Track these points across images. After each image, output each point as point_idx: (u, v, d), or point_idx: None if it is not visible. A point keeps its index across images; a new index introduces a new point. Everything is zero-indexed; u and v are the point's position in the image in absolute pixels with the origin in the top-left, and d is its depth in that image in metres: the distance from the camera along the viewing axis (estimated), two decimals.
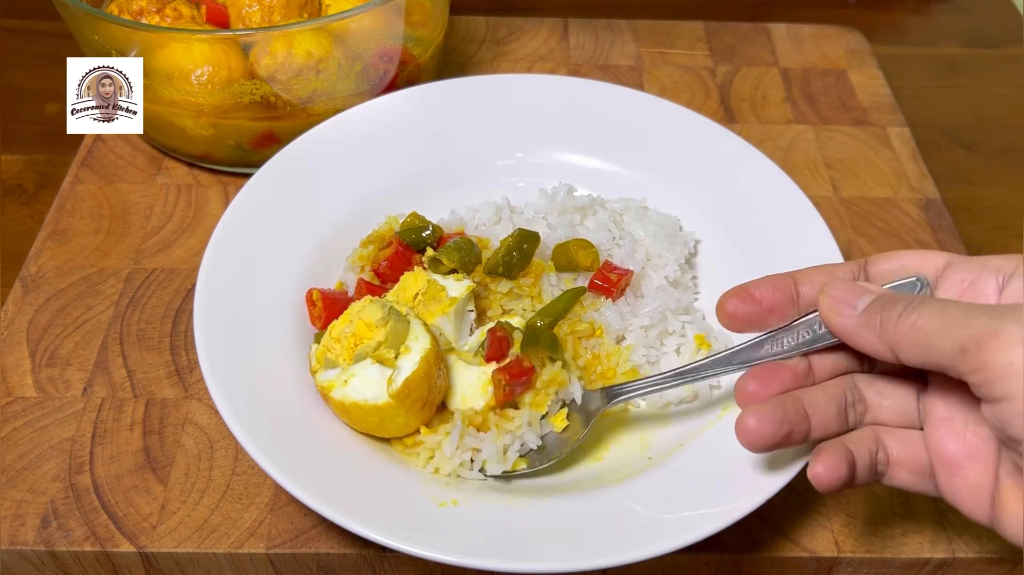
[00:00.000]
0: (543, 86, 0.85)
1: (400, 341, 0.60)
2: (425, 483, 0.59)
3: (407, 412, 0.60)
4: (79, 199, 0.83)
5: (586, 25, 1.06)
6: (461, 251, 0.68)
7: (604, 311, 0.68)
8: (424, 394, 0.60)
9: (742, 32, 1.06)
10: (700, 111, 0.83)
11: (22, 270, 0.77)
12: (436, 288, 0.65)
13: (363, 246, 0.72)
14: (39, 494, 0.62)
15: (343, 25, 0.79)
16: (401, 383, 0.59)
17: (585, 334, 0.67)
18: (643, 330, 0.68)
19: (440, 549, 0.53)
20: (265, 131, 0.82)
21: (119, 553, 0.60)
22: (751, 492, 0.55)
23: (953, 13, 1.19)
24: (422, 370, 0.59)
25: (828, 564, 0.62)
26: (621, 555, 0.53)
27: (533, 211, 0.76)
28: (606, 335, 0.67)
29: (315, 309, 0.68)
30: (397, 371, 0.59)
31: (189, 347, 0.71)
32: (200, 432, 0.66)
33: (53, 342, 0.71)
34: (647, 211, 0.76)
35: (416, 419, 0.61)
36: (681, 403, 0.66)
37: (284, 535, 0.61)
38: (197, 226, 0.81)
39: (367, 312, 0.61)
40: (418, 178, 0.79)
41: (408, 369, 0.59)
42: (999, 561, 0.62)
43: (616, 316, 0.68)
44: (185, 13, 0.83)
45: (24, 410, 0.67)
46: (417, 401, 0.60)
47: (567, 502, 0.59)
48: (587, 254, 0.70)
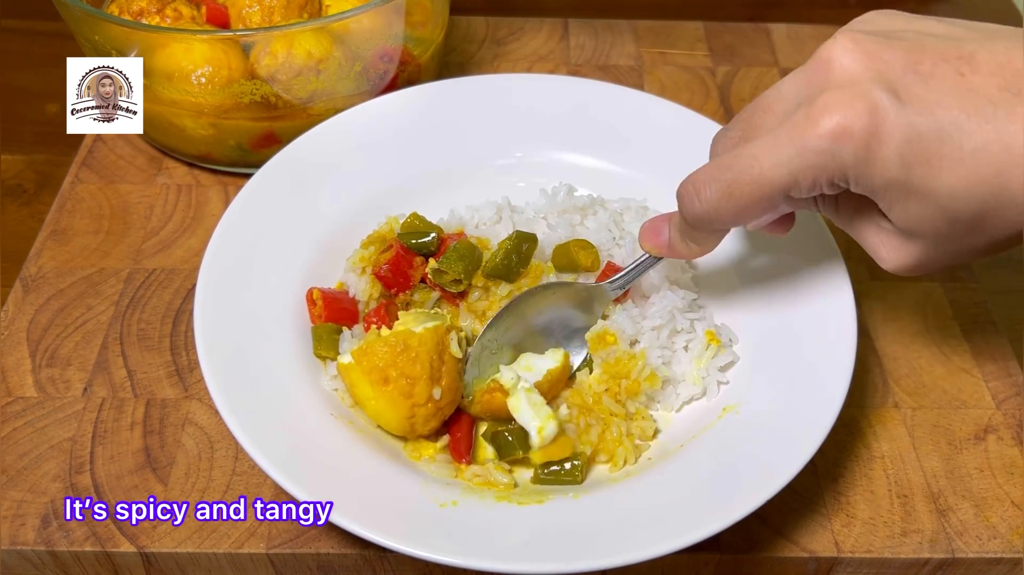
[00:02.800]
0: (543, 86, 0.85)
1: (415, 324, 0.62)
2: (425, 483, 0.59)
3: (369, 382, 0.60)
4: (79, 199, 0.83)
5: (586, 25, 1.06)
6: (464, 259, 0.68)
7: (615, 317, 0.68)
8: (385, 367, 0.60)
9: (742, 32, 1.06)
10: (700, 111, 0.83)
11: (22, 270, 0.77)
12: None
13: (364, 247, 0.72)
14: (39, 494, 0.62)
15: (343, 25, 0.79)
16: (362, 344, 0.61)
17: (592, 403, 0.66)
18: (655, 331, 0.68)
19: (440, 549, 0.53)
20: (265, 131, 0.82)
21: (119, 553, 0.60)
22: (751, 492, 0.55)
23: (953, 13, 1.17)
24: (387, 341, 0.60)
25: (828, 564, 0.62)
26: (621, 555, 0.53)
27: (533, 211, 0.77)
28: (620, 341, 0.67)
29: (315, 308, 0.68)
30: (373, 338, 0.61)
31: (189, 347, 0.71)
32: (200, 432, 0.66)
33: (53, 342, 0.71)
34: (647, 211, 0.76)
35: (386, 401, 0.60)
36: (692, 400, 0.67)
37: (284, 535, 0.61)
38: (197, 226, 0.81)
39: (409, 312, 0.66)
40: (418, 178, 0.79)
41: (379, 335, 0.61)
42: (999, 561, 0.62)
43: (628, 320, 0.68)
44: (185, 13, 0.83)
45: (24, 410, 0.67)
46: (376, 371, 0.60)
47: (567, 502, 0.59)
48: (587, 254, 0.70)
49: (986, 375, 0.72)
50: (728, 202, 0.52)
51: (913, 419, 0.69)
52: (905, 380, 0.72)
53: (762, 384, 0.64)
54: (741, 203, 0.52)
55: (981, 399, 0.71)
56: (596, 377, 0.66)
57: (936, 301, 0.77)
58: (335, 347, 0.66)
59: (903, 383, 0.72)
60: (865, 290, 0.77)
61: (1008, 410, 0.70)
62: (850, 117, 0.46)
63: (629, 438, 0.64)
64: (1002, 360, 0.73)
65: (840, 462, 0.66)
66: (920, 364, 0.73)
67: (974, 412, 0.70)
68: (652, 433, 0.65)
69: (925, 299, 0.78)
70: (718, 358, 0.67)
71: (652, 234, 0.63)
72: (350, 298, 0.70)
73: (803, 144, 0.48)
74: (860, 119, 0.46)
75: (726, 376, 0.67)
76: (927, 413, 0.70)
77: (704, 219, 0.54)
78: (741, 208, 0.52)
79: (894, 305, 0.77)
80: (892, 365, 0.73)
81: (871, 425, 0.69)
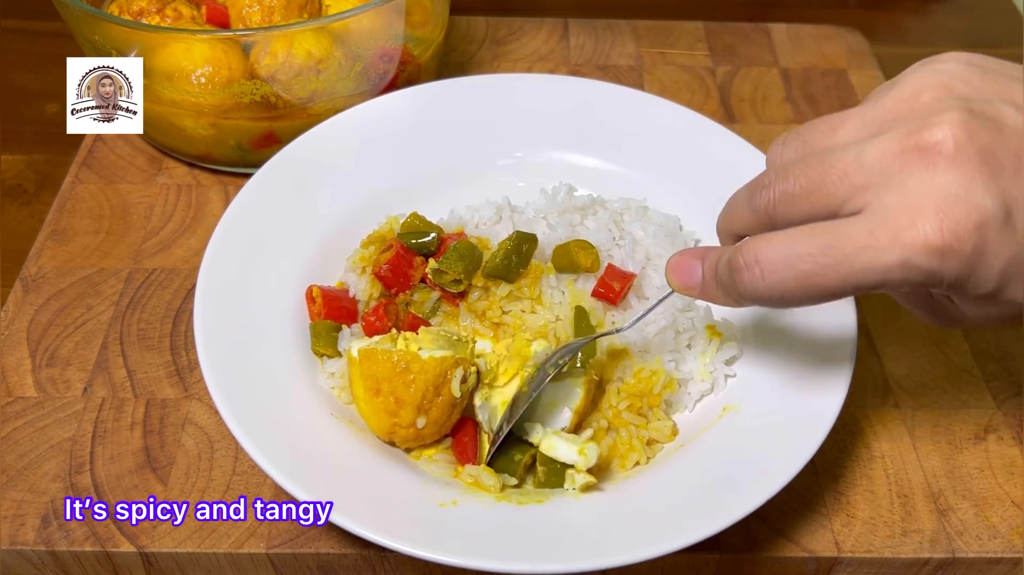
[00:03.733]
0: (543, 86, 0.85)
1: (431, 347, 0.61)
2: (425, 483, 0.59)
3: (363, 386, 0.60)
4: (79, 199, 0.83)
5: (586, 25, 1.06)
6: (464, 260, 0.68)
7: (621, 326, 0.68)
8: (380, 380, 0.60)
9: (742, 32, 1.06)
10: (700, 111, 0.83)
11: (22, 270, 0.77)
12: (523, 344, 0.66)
13: (364, 247, 0.72)
14: (39, 494, 0.62)
15: (343, 25, 0.79)
16: (366, 348, 0.61)
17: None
18: (661, 334, 0.68)
19: (440, 549, 0.53)
20: (265, 131, 0.82)
21: (119, 553, 0.60)
22: (751, 492, 0.55)
23: (953, 13, 1.19)
24: (391, 356, 0.60)
25: (828, 564, 0.62)
26: (621, 555, 0.53)
27: (533, 211, 0.76)
28: (632, 353, 0.66)
29: (315, 306, 0.68)
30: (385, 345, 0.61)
31: (189, 347, 0.71)
32: (200, 432, 0.66)
33: (53, 342, 0.71)
34: (647, 211, 0.76)
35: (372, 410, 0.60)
36: (703, 397, 0.67)
37: (284, 535, 0.61)
38: (197, 226, 0.81)
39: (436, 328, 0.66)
40: (418, 178, 0.79)
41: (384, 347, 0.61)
42: (999, 561, 0.62)
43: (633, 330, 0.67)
44: (185, 13, 0.83)
45: (24, 410, 0.67)
46: (371, 379, 0.60)
47: (567, 502, 0.59)
48: (587, 255, 0.70)
49: (986, 375, 0.72)
50: (799, 291, 0.46)
51: (913, 419, 0.69)
52: (905, 380, 0.72)
53: (762, 384, 0.64)
54: (814, 295, 0.46)
55: (981, 399, 0.71)
56: (616, 396, 0.65)
57: None
58: (333, 344, 0.66)
59: (903, 383, 0.72)
60: None
61: (1008, 410, 0.70)
62: (961, 235, 0.42)
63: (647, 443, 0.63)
64: (1002, 360, 0.73)
65: (840, 462, 0.66)
66: (920, 364, 0.73)
67: (974, 412, 0.70)
68: (670, 433, 0.65)
69: None
70: (723, 351, 0.67)
71: (683, 274, 0.55)
72: (349, 297, 0.70)
73: (904, 256, 0.43)
74: (970, 239, 0.42)
75: (732, 369, 0.67)
76: (927, 413, 0.70)
77: (762, 300, 0.48)
78: (810, 298, 0.47)
79: (894, 305, 0.76)
80: (892, 365, 0.73)
81: (871, 425, 0.69)
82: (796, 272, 0.45)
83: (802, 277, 0.45)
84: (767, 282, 0.46)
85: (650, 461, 0.63)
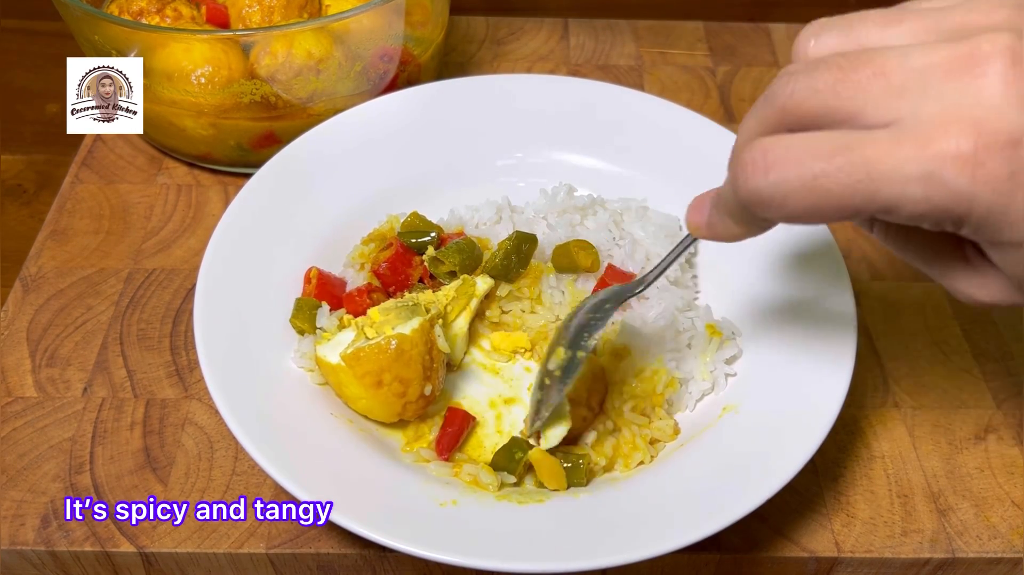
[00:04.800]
0: (543, 86, 0.85)
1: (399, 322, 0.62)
2: (425, 483, 0.59)
3: (362, 385, 0.60)
4: (79, 199, 0.83)
5: (586, 25, 1.06)
6: (462, 253, 0.68)
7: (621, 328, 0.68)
8: (379, 372, 0.60)
9: (742, 32, 1.06)
10: (700, 111, 0.83)
11: (22, 270, 0.77)
12: (469, 283, 0.68)
13: (364, 243, 0.72)
14: (39, 494, 0.62)
15: (343, 25, 0.79)
16: (353, 349, 0.61)
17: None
18: (661, 333, 0.68)
19: (440, 549, 0.53)
20: (265, 131, 0.82)
21: (119, 553, 0.60)
22: (751, 492, 0.55)
23: None
24: (381, 347, 0.60)
25: (828, 564, 0.62)
26: (621, 555, 0.53)
27: (533, 211, 0.76)
28: (634, 353, 0.66)
29: (309, 286, 0.69)
30: (360, 340, 0.61)
31: (189, 347, 0.71)
32: (200, 432, 0.66)
33: (53, 342, 0.71)
34: (647, 211, 0.76)
35: (379, 401, 0.61)
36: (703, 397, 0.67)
37: (284, 535, 0.61)
38: (197, 226, 0.81)
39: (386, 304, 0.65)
40: (418, 178, 0.79)
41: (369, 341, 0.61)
42: (999, 561, 0.62)
43: (633, 330, 0.67)
44: (185, 13, 0.83)
45: (24, 410, 0.67)
46: (369, 376, 0.60)
47: (567, 502, 0.59)
48: (587, 255, 0.70)
49: (986, 375, 0.72)
50: (804, 196, 0.41)
51: (913, 419, 0.69)
52: (905, 380, 0.72)
53: (762, 384, 0.64)
54: (819, 203, 0.40)
55: (981, 399, 0.71)
56: (619, 397, 0.65)
57: (936, 301, 0.77)
58: (312, 320, 0.66)
59: (903, 383, 0.72)
60: (865, 290, 0.77)
61: (1008, 410, 0.70)
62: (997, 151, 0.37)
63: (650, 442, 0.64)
64: (1002, 360, 0.73)
65: (840, 462, 0.66)
66: (920, 364, 0.73)
67: (974, 412, 0.70)
68: (672, 432, 0.65)
69: (925, 299, 0.77)
70: (723, 351, 0.67)
71: (695, 210, 0.51)
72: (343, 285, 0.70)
73: (930, 168, 0.38)
74: (1008, 159, 0.37)
75: (733, 368, 0.67)
76: (927, 413, 0.70)
77: (761, 201, 0.42)
78: (815, 209, 0.41)
79: (894, 305, 0.77)
80: (892, 365, 0.73)
81: (871, 425, 0.69)
82: (804, 171, 0.40)
83: (810, 179, 0.40)
84: (769, 179, 0.41)
85: (653, 460, 0.63)
